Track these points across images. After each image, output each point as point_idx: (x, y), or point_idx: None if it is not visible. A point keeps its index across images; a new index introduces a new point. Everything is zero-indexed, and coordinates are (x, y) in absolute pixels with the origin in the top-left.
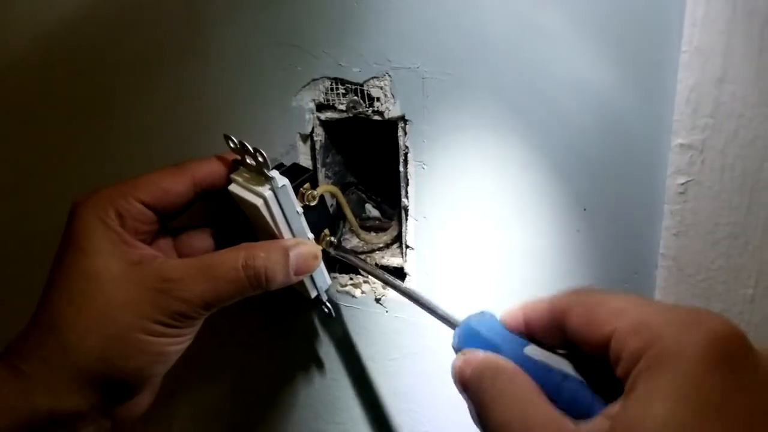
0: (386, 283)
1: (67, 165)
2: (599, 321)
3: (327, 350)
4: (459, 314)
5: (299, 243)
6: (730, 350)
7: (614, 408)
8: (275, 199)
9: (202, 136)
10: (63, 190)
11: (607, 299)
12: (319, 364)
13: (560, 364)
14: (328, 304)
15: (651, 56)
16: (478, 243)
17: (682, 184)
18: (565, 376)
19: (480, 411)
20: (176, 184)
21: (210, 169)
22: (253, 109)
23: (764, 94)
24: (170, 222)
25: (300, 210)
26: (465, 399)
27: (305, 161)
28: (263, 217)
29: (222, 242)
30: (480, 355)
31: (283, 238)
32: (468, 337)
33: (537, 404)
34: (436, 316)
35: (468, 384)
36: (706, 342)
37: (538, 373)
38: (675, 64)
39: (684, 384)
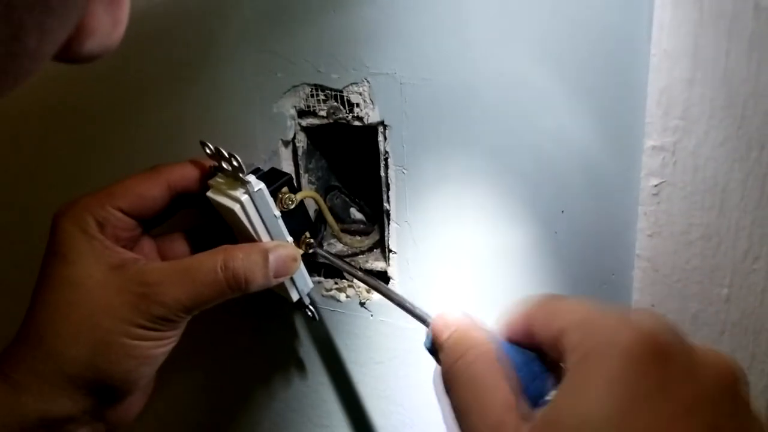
0: (365, 282)
1: (58, 173)
2: (554, 321)
3: (313, 354)
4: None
5: (278, 245)
6: (658, 346)
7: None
8: (252, 203)
9: (183, 144)
10: (55, 201)
11: (562, 302)
12: (306, 368)
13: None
14: (311, 308)
15: (621, 61)
16: (459, 246)
17: (656, 185)
18: (531, 359)
19: (449, 382)
20: (150, 189)
21: (184, 173)
22: (235, 117)
23: (732, 96)
24: (153, 229)
25: (278, 214)
26: (434, 359)
27: (288, 167)
28: (241, 221)
29: (205, 246)
30: (460, 320)
31: (261, 241)
32: None
33: (500, 390)
34: (411, 314)
35: (443, 351)
36: (635, 338)
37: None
38: (645, 67)
39: (610, 376)
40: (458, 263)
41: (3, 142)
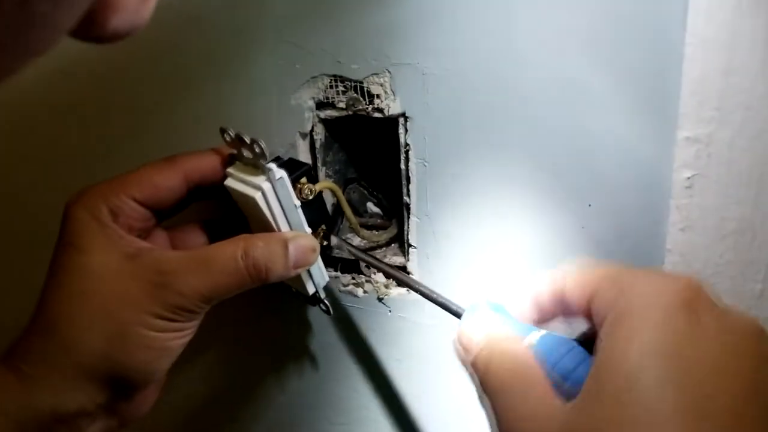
0: (387, 274)
1: (73, 166)
2: (587, 285)
3: (330, 351)
4: (463, 304)
5: (298, 235)
6: (690, 298)
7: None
8: (273, 191)
9: (198, 136)
10: (67, 190)
11: (596, 268)
12: (323, 365)
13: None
14: (325, 302)
15: (655, 49)
16: (481, 241)
17: (689, 178)
18: (570, 348)
19: (485, 391)
20: (167, 179)
21: (201, 163)
22: (252, 109)
23: None
24: (166, 220)
25: (298, 203)
26: (469, 373)
27: (305, 160)
28: (260, 210)
29: (219, 238)
30: (488, 323)
31: (280, 231)
32: None
33: (537, 394)
34: (438, 305)
35: (477, 357)
36: (668, 291)
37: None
38: (680, 56)
39: (648, 330)
40: (480, 258)
41: (20, 133)
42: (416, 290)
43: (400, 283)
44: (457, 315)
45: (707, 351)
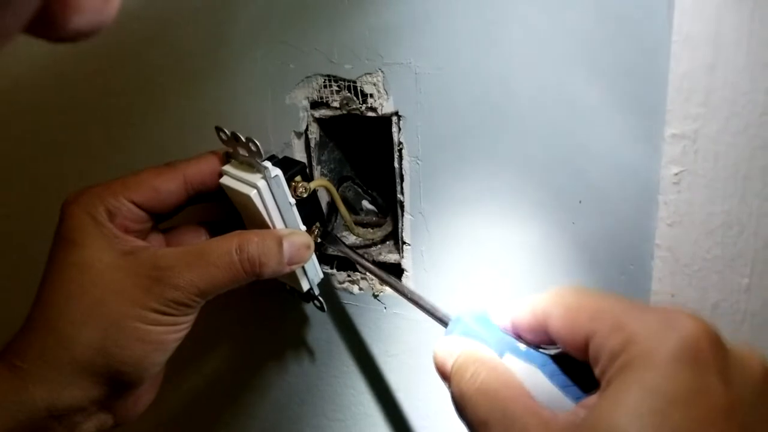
0: (379, 278)
1: (67, 161)
2: (578, 324)
3: (326, 347)
4: (451, 311)
5: (293, 233)
6: (699, 351)
7: (591, 399)
8: (268, 189)
9: (194, 137)
10: (65, 189)
11: (585, 302)
12: (319, 361)
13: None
14: (320, 299)
15: (641, 47)
16: (474, 238)
17: (676, 174)
18: (550, 374)
19: (461, 403)
20: (166, 183)
21: (200, 168)
22: (248, 108)
23: (755, 80)
24: (162, 223)
25: (292, 201)
26: (447, 388)
27: (300, 159)
28: (255, 207)
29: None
30: (462, 344)
31: (275, 228)
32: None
33: (518, 398)
34: (425, 312)
35: (451, 376)
36: (677, 343)
37: (521, 371)
38: (666, 53)
39: (653, 381)
40: (473, 254)
41: (16, 135)
42: (403, 295)
43: (389, 286)
44: (444, 323)
45: (707, 405)
